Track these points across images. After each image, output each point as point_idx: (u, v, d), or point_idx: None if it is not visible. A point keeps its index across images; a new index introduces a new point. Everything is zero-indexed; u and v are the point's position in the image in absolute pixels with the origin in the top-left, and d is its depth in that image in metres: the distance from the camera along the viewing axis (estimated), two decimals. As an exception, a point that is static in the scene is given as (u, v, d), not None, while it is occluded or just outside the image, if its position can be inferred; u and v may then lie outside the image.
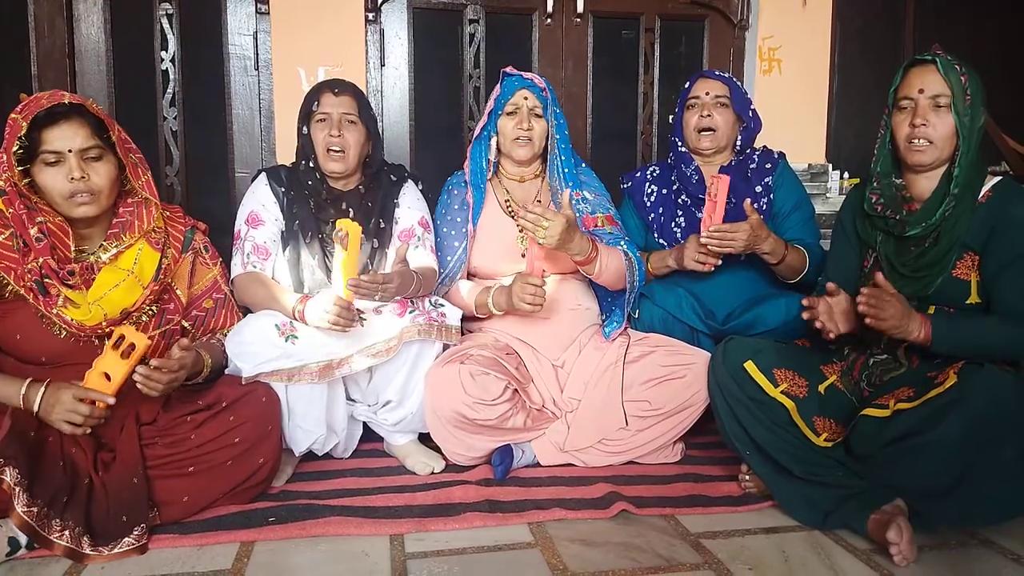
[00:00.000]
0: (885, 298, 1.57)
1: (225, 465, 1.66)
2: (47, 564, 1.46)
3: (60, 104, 1.58)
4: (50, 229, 1.61)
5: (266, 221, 2.01)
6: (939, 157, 1.70)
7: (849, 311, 1.68)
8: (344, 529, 1.61)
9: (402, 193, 2.14)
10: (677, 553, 1.53)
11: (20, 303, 1.60)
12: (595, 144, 3.13)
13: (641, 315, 2.15)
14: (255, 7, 2.76)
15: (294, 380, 1.79)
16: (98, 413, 1.55)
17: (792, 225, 2.21)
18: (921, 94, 1.68)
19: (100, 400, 1.54)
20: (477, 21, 2.97)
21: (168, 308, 1.77)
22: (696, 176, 2.26)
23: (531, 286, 1.89)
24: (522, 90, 2.12)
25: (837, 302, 1.68)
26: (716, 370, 1.80)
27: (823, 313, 1.66)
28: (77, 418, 1.53)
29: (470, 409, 1.86)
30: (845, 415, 1.72)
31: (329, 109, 2.01)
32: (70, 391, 1.53)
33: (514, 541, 1.59)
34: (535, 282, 1.89)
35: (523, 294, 1.89)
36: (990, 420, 1.44)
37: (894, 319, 1.57)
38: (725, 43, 3.18)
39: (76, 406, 1.52)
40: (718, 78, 2.25)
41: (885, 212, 1.76)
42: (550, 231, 1.82)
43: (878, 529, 1.52)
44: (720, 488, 1.85)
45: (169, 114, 2.78)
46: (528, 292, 1.89)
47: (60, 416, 1.52)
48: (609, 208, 2.20)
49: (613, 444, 2.00)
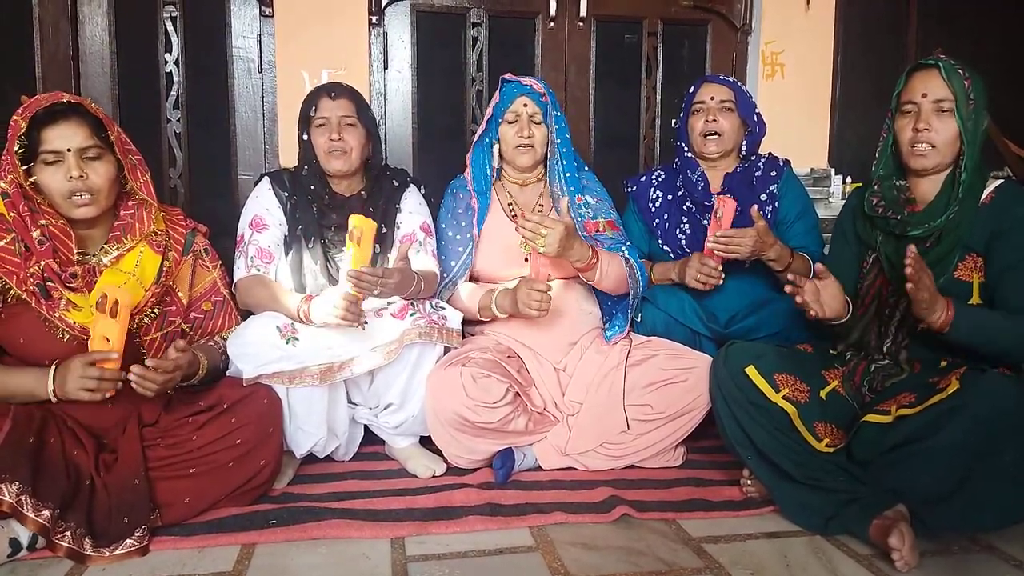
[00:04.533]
0: (925, 268, 1.57)
1: (226, 467, 1.66)
2: (49, 565, 1.46)
3: (59, 103, 1.58)
4: (52, 232, 1.61)
5: (270, 225, 2.01)
6: (942, 161, 1.71)
7: (836, 295, 1.71)
8: (345, 532, 1.60)
9: (404, 198, 2.14)
10: (678, 557, 1.53)
11: (23, 307, 1.60)
12: (598, 148, 3.13)
13: (643, 318, 2.15)
14: (259, 10, 2.77)
15: (295, 382, 1.79)
16: (109, 375, 1.54)
17: (796, 233, 2.21)
18: (924, 99, 1.69)
19: (106, 359, 1.54)
20: (480, 25, 2.98)
21: (170, 310, 1.77)
22: (702, 182, 2.26)
23: (537, 292, 1.88)
24: (521, 97, 2.11)
25: (825, 285, 1.71)
26: (718, 374, 1.79)
27: (809, 293, 1.69)
28: (91, 383, 1.52)
29: (471, 412, 1.86)
30: (847, 421, 1.72)
31: (327, 113, 2.02)
32: (76, 359, 1.54)
33: (515, 545, 1.58)
34: (540, 287, 1.88)
35: (529, 300, 1.88)
36: (992, 425, 1.44)
37: (928, 291, 1.56)
38: (728, 47, 3.18)
39: (86, 371, 1.52)
40: (723, 83, 2.25)
41: (886, 213, 1.76)
42: (549, 239, 1.81)
43: (880, 534, 1.51)
44: (722, 492, 1.85)
45: (172, 116, 2.79)
46: (534, 298, 1.88)
47: (75, 385, 1.52)
48: (611, 213, 2.20)
49: (614, 448, 1.99)
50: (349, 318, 1.73)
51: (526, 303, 1.89)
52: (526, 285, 1.90)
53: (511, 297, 1.96)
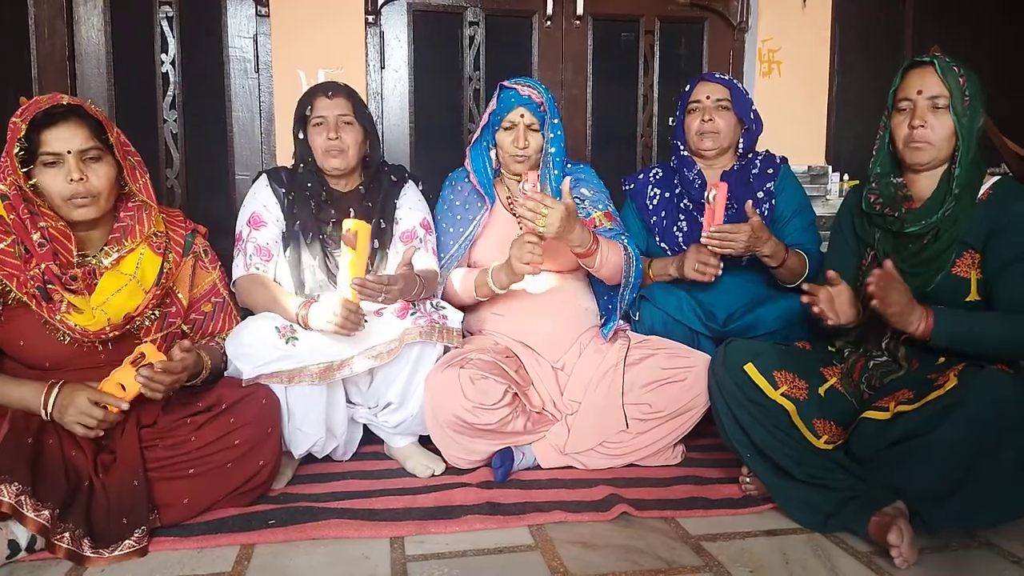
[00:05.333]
0: (893, 283, 1.58)
1: (225, 467, 1.66)
2: (48, 567, 1.46)
3: (58, 105, 1.58)
4: (52, 234, 1.61)
5: (268, 222, 2.01)
6: (937, 157, 1.71)
7: (850, 301, 1.70)
8: (344, 532, 1.60)
9: (403, 194, 2.14)
10: (677, 555, 1.53)
11: (23, 309, 1.60)
12: (595, 146, 3.13)
13: (641, 317, 2.15)
14: (255, 9, 2.77)
15: (294, 382, 1.78)
16: (111, 418, 1.56)
17: (793, 230, 2.21)
18: (919, 95, 1.69)
19: (115, 405, 1.55)
20: (477, 23, 2.98)
21: (170, 312, 1.77)
22: (699, 180, 2.26)
23: (528, 243, 1.85)
24: (518, 108, 2.09)
25: (839, 291, 1.70)
26: (716, 372, 1.80)
27: (824, 301, 1.68)
28: (91, 421, 1.53)
29: (470, 414, 1.86)
30: (845, 417, 1.72)
31: (324, 112, 2.01)
32: (85, 394, 1.54)
33: (514, 543, 1.59)
34: (532, 239, 1.84)
35: (521, 252, 1.85)
36: (990, 422, 1.45)
37: (898, 305, 1.58)
38: (725, 45, 3.18)
39: (91, 409, 1.53)
40: (719, 81, 2.25)
41: (883, 210, 1.76)
42: (550, 219, 1.80)
43: (879, 531, 1.52)
44: (720, 490, 1.85)
45: (169, 116, 2.78)
46: (526, 250, 1.85)
47: (74, 418, 1.53)
48: (608, 205, 2.19)
49: (613, 447, 1.99)
50: (348, 327, 1.73)
51: (519, 257, 1.86)
52: (517, 241, 1.88)
53: (506, 267, 1.93)
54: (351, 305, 1.73)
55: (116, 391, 1.56)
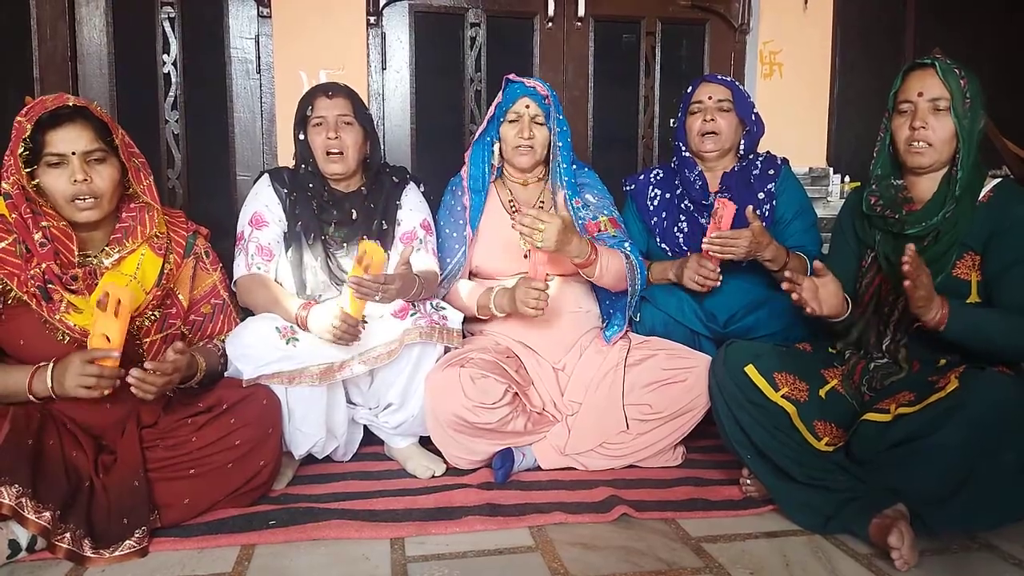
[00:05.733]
0: (923, 267, 1.57)
1: (226, 468, 1.66)
2: (48, 567, 1.46)
3: (64, 106, 1.58)
4: (54, 234, 1.61)
5: (270, 222, 2.01)
6: (938, 159, 1.71)
7: (834, 294, 1.71)
8: (345, 532, 1.61)
9: (404, 195, 2.15)
10: (678, 557, 1.53)
11: (23, 308, 1.60)
12: (596, 148, 3.13)
13: (642, 318, 2.15)
14: (257, 10, 2.77)
15: (295, 383, 1.79)
16: (108, 373, 1.53)
17: (794, 232, 2.21)
18: (920, 97, 1.69)
19: (105, 357, 1.53)
20: (478, 25, 2.98)
21: (170, 313, 1.77)
22: (700, 181, 2.26)
23: (535, 291, 1.88)
24: (524, 98, 2.11)
25: (824, 282, 1.71)
26: (717, 374, 1.79)
27: (807, 290, 1.69)
28: (90, 380, 1.52)
29: (470, 413, 1.86)
30: (846, 419, 1.72)
31: (324, 112, 2.02)
32: (76, 355, 1.53)
33: (515, 545, 1.59)
34: (539, 286, 1.89)
35: (527, 299, 1.89)
36: (991, 424, 1.44)
37: (925, 289, 1.57)
38: (726, 47, 3.18)
39: (85, 368, 1.52)
40: (720, 82, 2.25)
41: (884, 212, 1.76)
42: (547, 233, 1.81)
43: (879, 533, 1.52)
44: (721, 492, 1.85)
45: (171, 117, 2.78)
46: (532, 297, 1.88)
47: (73, 382, 1.52)
48: (612, 210, 2.19)
49: (614, 448, 1.99)
50: (345, 338, 1.74)
51: (524, 301, 1.89)
52: (524, 284, 1.90)
53: (509, 296, 1.96)
54: (351, 320, 1.74)
55: (102, 343, 1.54)
